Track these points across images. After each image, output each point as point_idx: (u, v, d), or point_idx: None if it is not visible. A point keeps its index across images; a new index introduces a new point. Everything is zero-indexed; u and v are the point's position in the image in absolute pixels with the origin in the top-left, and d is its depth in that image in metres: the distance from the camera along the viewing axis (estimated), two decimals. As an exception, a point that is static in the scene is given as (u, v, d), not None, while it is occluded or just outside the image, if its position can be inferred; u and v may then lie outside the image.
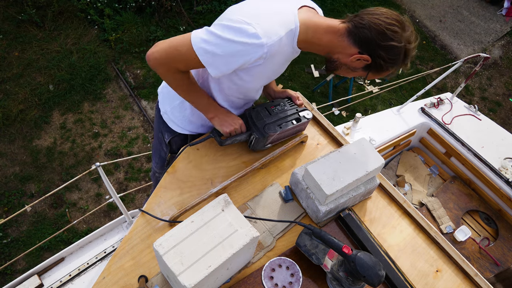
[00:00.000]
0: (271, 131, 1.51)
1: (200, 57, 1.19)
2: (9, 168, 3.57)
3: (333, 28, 1.25)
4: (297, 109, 1.63)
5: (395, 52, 1.20)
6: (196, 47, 1.18)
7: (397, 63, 1.25)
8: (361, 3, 5.88)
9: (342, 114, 4.62)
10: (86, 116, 4.01)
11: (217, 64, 1.20)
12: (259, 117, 1.54)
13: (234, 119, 1.52)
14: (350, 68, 1.30)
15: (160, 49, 1.25)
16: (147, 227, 1.37)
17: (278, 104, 1.61)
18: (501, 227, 2.75)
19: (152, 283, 1.24)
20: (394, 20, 1.18)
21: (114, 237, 2.36)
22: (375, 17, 1.18)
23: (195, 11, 5.04)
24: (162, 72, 1.32)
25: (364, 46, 1.21)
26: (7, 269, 3.08)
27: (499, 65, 5.62)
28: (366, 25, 1.19)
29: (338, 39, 1.24)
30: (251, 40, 1.14)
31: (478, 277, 1.42)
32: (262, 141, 1.55)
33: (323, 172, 1.37)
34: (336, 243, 1.20)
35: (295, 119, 1.59)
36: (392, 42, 1.18)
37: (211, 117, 1.50)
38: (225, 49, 1.16)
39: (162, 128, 1.73)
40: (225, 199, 1.17)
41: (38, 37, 4.41)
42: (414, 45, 1.23)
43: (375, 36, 1.18)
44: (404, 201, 1.58)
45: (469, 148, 2.80)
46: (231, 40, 1.14)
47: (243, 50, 1.16)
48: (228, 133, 1.51)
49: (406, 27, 1.20)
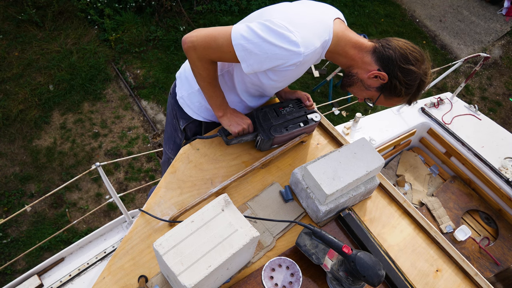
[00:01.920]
0: (277, 133, 1.51)
1: (237, 53, 1.23)
2: (9, 168, 3.57)
3: (361, 44, 1.31)
4: (305, 111, 1.62)
5: (412, 78, 1.27)
6: (235, 42, 1.21)
7: (410, 91, 1.30)
8: (361, 3, 5.88)
9: (342, 114, 4.62)
10: (86, 116, 4.01)
11: (252, 62, 1.24)
12: (266, 118, 1.54)
13: (242, 119, 1.54)
14: (365, 85, 1.35)
15: (199, 35, 1.28)
16: (147, 227, 1.37)
17: (287, 105, 1.61)
18: (501, 226, 2.75)
19: (152, 283, 1.24)
20: (417, 50, 1.27)
21: (114, 237, 2.36)
22: (402, 43, 1.27)
23: (195, 11, 5.04)
24: (193, 57, 1.33)
25: (385, 64, 1.28)
26: (7, 269, 3.08)
27: (499, 64, 5.62)
28: (392, 46, 1.27)
29: (363, 55, 1.31)
30: (291, 47, 1.18)
31: (478, 276, 1.42)
32: (268, 143, 1.55)
33: (323, 172, 1.37)
34: (336, 243, 1.20)
35: (303, 122, 1.58)
36: (412, 67, 1.25)
37: (221, 115, 1.52)
38: (263, 50, 1.19)
39: (177, 114, 1.74)
40: (225, 199, 1.17)
41: (38, 37, 4.41)
42: (429, 80, 1.30)
43: (397, 58, 1.25)
44: (404, 200, 1.58)
45: (469, 148, 2.80)
46: (272, 43, 1.17)
47: (280, 55, 1.19)
48: (236, 133, 1.52)
49: (426, 60, 1.28)
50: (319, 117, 1.62)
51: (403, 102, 1.37)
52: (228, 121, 1.53)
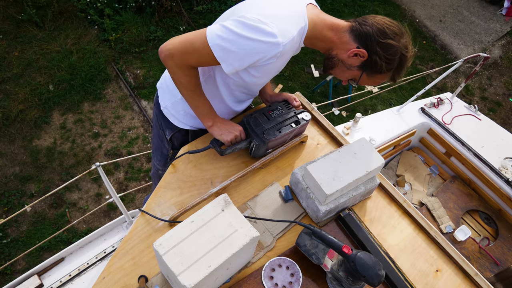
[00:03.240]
0: (270, 136, 1.50)
1: (215, 53, 1.21)
2: (9, 168, 3.57)
3: (337, 25, 1.30)
4: (295, 111, 1.61)
5: (392, 52, 1.25)
6: (212, 43, 1.20)
7: (391, 66, 1.28)
8: (361, 3, 5.88)
9: (342, 114, 4.62)
10: (86, 116, 4.01)
11: (231, 60, 1.22)
12: (257, 123, 1.52)
13: (233, 126, 1.51)
14: (346, 65, 1.33)
15: (175, 42, 1.27)
16: (147, 227, 1.37)
17: (275, 108, 1.60)
18: (501, 226, 2.75)
19: (152, 283, 1.24)
20: (395, 25, 1.26)
21: (114, 237, 2.36)
22: (379, 19, 1.26)
23: (195, 11, 5.04)
24: (172, 65, 1.31)
25: (363, 41, 1.26)
26: (7, 269, 3.08)
27: (499, 65, 5.62)
28: (368, 23, 1.26)
29: (340, 35, 1.30)
30: (269, 38, 1.16)
31: (478, 276, 1.42)
32: (262, 147, 1.53)
33: (323, 172, 1.37)
34: (336, 243, 1.20)
35: (294, 122, 1.57)
36: (391, 41, 1.24)
37: (210, 125, 1.49)
38: (241, 46, 1.17)
39: (162, 124, 1.72)
40: (225, 199, 1.17)
41: (38, 37, 4.41)
42: (410, 53, 1.28)
43: (375, 32, 1.24)
44: (404, 201, 1.58)
45: (469, 148, 2.80)
46: (248, 37, 1.16)
47: (259, 48, 1.18)
48: (229, 142, 1.49)
49: (404, 34, 1.27)
50: (309, 115, 1.61)
51: (387, 78, 1.35)
52: (219, 130, 1.49)
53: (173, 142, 1.77)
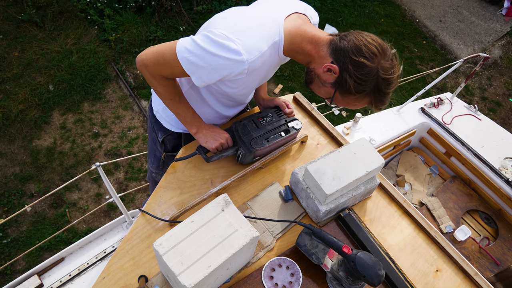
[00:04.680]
0: (258, 145, 1.45)
1: (184, 66, 1.20)
2: (9, 168, 3.57)
3: (317, 38, 1.23)
4: (286, 119, 1.56)
5: (364, 72, 1.15)
6: (180, 56, 1.19)
7: (364, 88, 1.17)
8: (361, 3, 5.88)
9: (342, 114, 4.62)
10: (86, 116, 4.01)
11: (200, 74, 1.20)
12: (245, 131, 1.48)
13: (219, 133, 1.48)
14: (321, 81, 1.26)
15: (148, 52, 1.26)
16: (147, 227, 1.37)
17: (266, 115, 1.55)
18: (501, 226, 2.75)
19: (152, 283, 1.24)
20: (377, 43, 1.14)
21: (114, 237, 2.36)
22: (361, 35, 1.17)
23: (195, 11, 5.04)
24: (147, 75, 1.32)
25: (338, 56, 1.18)
26: (7, 269, 3.08)
27: (499, 65, 5.62)
28: (347, 38, 1.17)
29: (319, 49, 1.23)
30: (233, 56, 1.14)
31: (478, 276, 1.42)
32: (249, 156, 1.49)
33: (323, 172, 1.37)
34: (336, 243, 1.20)
35: (284, 131, 1.53)
36: (363, 59, 1.13)
37: (195, 132, 1.47)
38: (207, 62, 1.16)
39: (155, 127, 1.72)
40: (225, 199, 1.17)
41: (38, 37, 4.41)
42: (390, 77, 1.15)
43: (350, 49, 1.15)
44: (404, 200, 1.58)
45: (469, 148, 2.80)
46: (214, 53, 1.14)
47: (224, 64, 1.16)
48: (214, 149, 1.46)
49: (387, 57, 1.15)
50: (300, 124, 1.57)
51: (364, 103, 1.24)
52: (204, 137, 1.46)
53: (166, 144, 1.76)
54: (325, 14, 5.55)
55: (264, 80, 1.43)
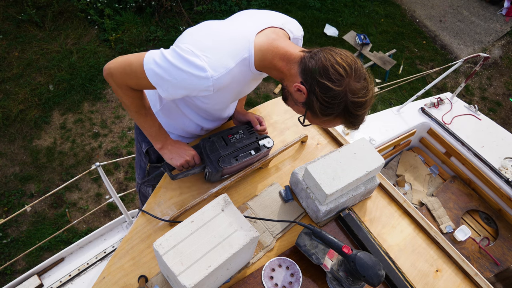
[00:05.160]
0: (225, 164, 1.39)
1: (149, 78, 1.17)
2: (9, 168, 3.57)
3: (290, 55, 1.18)
4: (257, 136, 1.49)
5: (330, 95, 1.09)
6: (146, 67, 1.16)
7: (331, 111, 1.13)
8: (361, 3, 5.88)
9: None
10: (86, 116, 4.01)
11: (166, 87, 1.17)
12: (213, 148, 1.42)
13: (185, 150, 1.43)
14: (294, 99, 1.22)
15: (116, 61, 1.24)
16: (147, 227, 1.37)
17: (236, 132, 1.49)
18: (501, 226, 2.75)
19: (152, 283, 1.24)
20: (346, 64, 1.08)
21: (114, 237, 2.36)
22: (331, 53, 1.11)
23: (195, 11, 5.04)
24: (113, 85, 1.28)
25: (306, 76, 1.13)
26: (7, 269, 3.08)
27: (499, 65, 5.62)
28: (317, 57, 1.11)
29: (290, 66, 1.18)
30: (197, 72, 1.11)
31: (478, 276, 1.42)
32: (216, 175, 1.43)
33: (323, 172, 1.37)
34: (336, 243, 1.20)
35: (254, 149, 1.46)
36: (327, 82, 1.08)
37: (159, 147, 1.43)
38: (172, 75, 1.13)
39: (139, 137, 1.70)
40: (225, 199, 1.17)
41: (38, 37, 4.41)
42: (359, 100, 1.09)
43: (317, 69, 1.10)
44: (404, 200, 1.58)
45: (469, 148, 2.80)
46: (179, 68, 1.12)
47: (188, 79, 1.13)
48: (180, 166, 1.41)
49: (358, 77, 1.09)
50: (271, 142, 1.49)
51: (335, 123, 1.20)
52: (169, 153, 1.42)
53: (150, 155, 1.72)
54: (325, 14, 5.55)
55: (241, 95, 1.38)
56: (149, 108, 1.39)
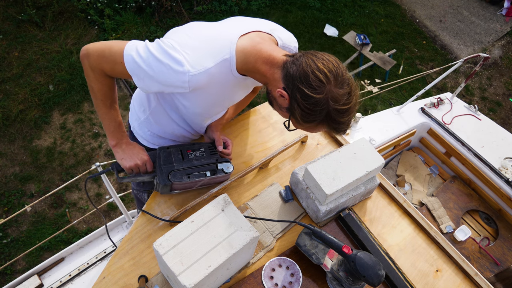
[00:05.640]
0: (176, 179, 1.32)
1: (126, 64, 1.17)
2: (9, 168, 3.57)
3: (273, 59, 1.16)
4: (217, 158, 1.43)
5: (311, 102, 1.07)
6: (126, 53, 1.17)
7: (313, 118, 1.11)
8: (361, 3, 5.88)
9: (342, 114, 4.61)
10: (86, 116, 4.01)
11: (142, 75, 1.17)
12: (168, 160, 1.36)
13: (138, 153, 1.39)
14: (277, 104, 1.21)
15: (96, 45, 1.23)
16: (147, 227, 1.37)
17: (197, 149, 1.43)
18: (501, 226, 2.75)
19: (152, 283, 1.24)
20: (327, 69, 1.06)
21: (114, 237, 2.36)
22: (312, 59, 1.08)
23: (195, 11, 5.04)
24: (86, 66, 1.26)
25: (288, 82, 1.12)
26: (7, 269, 3.08)
27: (499, 65, 5.62)
28: (298, 62, 1.09)
29: (273, 71, 1.16)
30: (175, 65, 1.11)
31: (478, 276, 1.42)
32: (165, 188, 1.36)
33: (323, 172, 1.37)
34: (336, 243, 1.20)
35: (211, 170, 1.39)
36: (308, 90, 1.06)
37: (113, 144, 1.39)
38: (150, 65, 1.14)
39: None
40: (225, 199, 1.17)
41: (38, 37, 4.41)
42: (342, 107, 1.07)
43: (298, 75, 1.08)
44: (404, 201, 1.58)
45: (469, 148, 2.80)
46: (158, 59, 1.12)
47: (166, 72, 1.13)
48: (128, 169, 1.37)
49: (340, 83, 1.07)
50: (231, 168, 1.42)
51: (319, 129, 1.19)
52: (122, 153, 1.38)
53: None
54: (325, 14, 5.55)
55: (225, 102, 1.37)
56: (116, 102, 1.37)
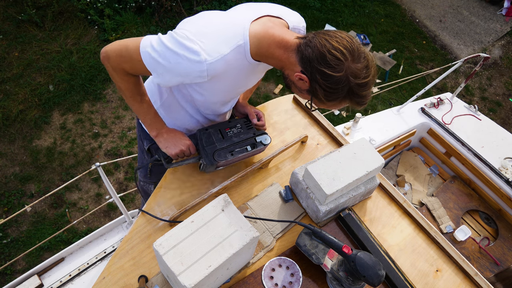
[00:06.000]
0: (221, 158, 1.37)
1: (144, 61, 1.18)
2: (9, 168, 3.57)
3: (286, 42, 1.17)
4: (254, 132, 1.46)
5: (333, 81, 1.09)
6: (142, 50, 1.17)
7: (336, 96, 1.13)
8: (361, 3, 5.88)
9: (342, 114, 4.62)
10: (86, 116, 4.01)
11: (161, 71, 1.18)
12: (210, 141, 1.39)
13: (181, 139, 1.42)
14: (297, 87, 1.23)
15: (113, 44, 1.24)
16: (147, 227, 1.37)
17: (234, 125, 1.46)
18: (501, 226, 2.75)
19: (152, 283, 1.24)
20: (343, 47, 1.07)
21: (114, 237, 2.36)
22: (326, 38, 1.09)
23: (195, 11, 5.04)
24: (109, 68, 1.28)
25: (305, 65, 1.13)
26: (7, 269, 3.08)
27: (499, 65, 5.62)
28: (312, 44, 1.10)
29: (288, 55, 1.18)
30: (191, 56, 1.12)
31: (478, 276, 1.42)
32: (211, 167, 1.42)
33: (323, 172, 1.37)
34: (336, 243, 1.20)
35: (251, 145, 1.43)
36: (327, 69, 1.08)
37: (154, 135, 1.42)
38: (167, 59, 1.14)
39: (141, 135, 1.70)
40: (225, 199, 1.17)
41: (38, 37, 4.41)
42: (362, 81, 1.09)
43: (315, 57, 1.09)
44: (404, 201, 1.58)
45: (469, 148, 2.80)
46: (174, 51, 1.13)
47: (183, 63, 1.14)
48: (174, 156, 1.41)
49: (357, 58, 1.08)
50: (269, 140, 1.46)
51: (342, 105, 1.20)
52: (165, 142, 1.41)
53: (152, 153, 1.73)
54: (325, 14, 5.55)
55: (240, 89, 1.38)
56: (145, 95, 1.38)
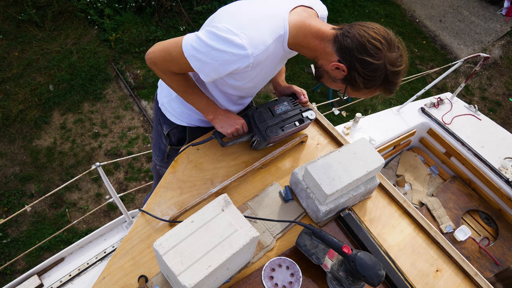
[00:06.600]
0: (273, 134, 1.49)
1: (192, 64, 1.22)
2: (9, 168, 3.57)
3: (322, 33, 1.22)
4: (300, 108, 1.59)
5: (372, 69, 1.16)
6: (187, 54, 1.21)
7: (374, 83, 1.19)
8: (361, 3, 5.88)
9: (342, 114, 4.62)
10: (86, 116, 4.01)
11: (208, 71, 1.22)
12: (261, 118, 1.51)
13: (235, 119, 1.50)
14: (331, 77, 1.28)
15: (156, 50, 1.30)
16: (147, 227, 1.37)
17: (281, 103, 1.58)
18: (501, 226, 2.75)
19: (152, 283, 1.24)
20: (381, 36, 1.14)
21: (114, 237, 2.35)
22: (364, 29, 1.15)
23: (195, 11, 5.04)
24: (157, 72, 1.37)
25: (344, 55, 1.18)
26: (7, 269, 3.08)
27: (499, 65, 5.62)
28: (350, 34, 1.16)
29: (324, 45, 1.23)
30: (238, 51, 1.15)
31: (478, 276, 1.42)
32: (264, 143, 1.54)
33: (323, 172, 1.37)
34: (336, 243, 1.20)
35: (298, 120, 1.56)
36: (368, 58, 1.14)
37: (211, 118, 1.50)
38: (213, 58, 1.17)
39: (160, 119, 1.73)
40: (225, 199, 1.17)
41: (38, 37, 4.41)
42: (397, 69, 1.17)
43: (354, 47, 1.15)
44: (404, 201, 1.58)
45: (469, 148, 2.80)
46: (219, 49, 1.15)
47: (230, 59, 1.17)
48: (230, 134, 1.50)
49: (393, 48, 1.15)
50: (314, 115, 1.59)
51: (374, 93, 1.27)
52: (220, 122, 1.49)
53: (171, 138, 1.77)
54: (325, 14, 5.54)
55: (272, 74, 1.43)
56: (195, 85, 1.45)
